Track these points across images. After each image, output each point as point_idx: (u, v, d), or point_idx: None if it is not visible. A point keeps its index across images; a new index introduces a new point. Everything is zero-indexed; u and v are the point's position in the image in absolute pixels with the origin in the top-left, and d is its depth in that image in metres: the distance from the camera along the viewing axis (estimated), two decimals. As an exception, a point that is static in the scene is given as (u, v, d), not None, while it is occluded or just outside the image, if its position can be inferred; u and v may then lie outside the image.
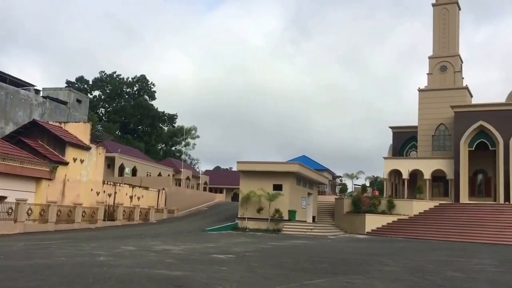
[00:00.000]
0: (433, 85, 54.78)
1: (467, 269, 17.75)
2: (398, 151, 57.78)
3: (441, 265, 18.66)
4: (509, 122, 46.84)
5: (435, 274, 15.74)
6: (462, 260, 21.31)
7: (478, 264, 19.86)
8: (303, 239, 32.99)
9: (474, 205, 46.02)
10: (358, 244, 31.42)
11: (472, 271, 16.98)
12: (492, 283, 14.20)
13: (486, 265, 19.55)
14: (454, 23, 55.66)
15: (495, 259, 22.25)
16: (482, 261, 21.08)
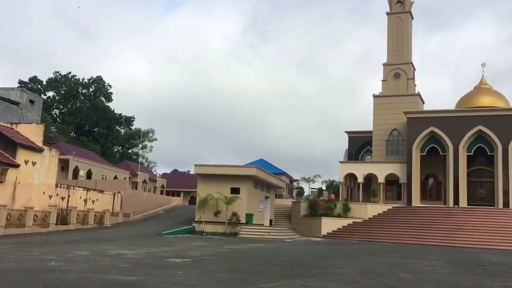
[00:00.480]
0: (387, 91, 56.08)
1: (418, 270, 18.14)
2: (353, 155, 58.84)
3: (393, 267, 19.04)
4: (458, 128, 48.42)
5: (387, 275, 16.06)
6: (414, 262, 21.79)
7: (428, 265, 20.33)
8: (260, 243, 33.11)
9: (425, 208, 47.31)
10: (314, 247, 31.77)
11: (423, 273, 17.39)
12: (442, 284, 14.56)
13: (436, 266, 20.05)
14: (407, 32, 57.19)
15: (444, 261, 22.83)
16: (432, 263, 21.61)
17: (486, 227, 40.07)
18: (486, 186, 49.76)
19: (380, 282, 14.34)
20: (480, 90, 56.84)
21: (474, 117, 48.84)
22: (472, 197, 49.57)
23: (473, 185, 50.11)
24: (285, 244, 33.82)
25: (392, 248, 31.54)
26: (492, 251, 33.03)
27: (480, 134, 48.29)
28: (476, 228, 40.17)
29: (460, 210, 45.24)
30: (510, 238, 37.54)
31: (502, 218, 42.04)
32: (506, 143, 46.72)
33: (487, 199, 48.99)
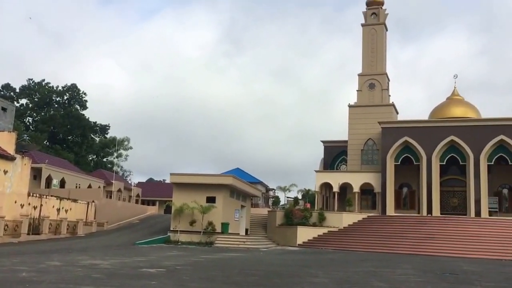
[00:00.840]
0: (362, 101, 56.71)
1: (392, 279, 18.31)
2: (329, 164, 59.22)
3: (368, 276, 19.19)
4: (431, 138, 49.23)
5: (362, 285, 16.21)
6: (388, 271, 21.96)
7: (402, 274, 20.53)
8: (236, 252, 33.03)
9: (399, 217, 47.83)
10: (290, 256, 31.81)
11: (397, 282, 17.55)
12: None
13: (409, 275, 20.25)
14: (381, 43, 58.04)
15: (417, 270, 23.06)
16: (406, 272, 21.82)
17: (459, 236, 40.67)
18: (458, 195, 50.58)
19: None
20: (453, 101, 57.91)
21: (446, 128, 49.68)
22: (445, 206, 50.33)
23: (446, 194, 50.91)
24: (261, 253, 33.81)
25: (367, 257, 31.76)
26: (464, 259, 33.47)
27: (453, 144, 49.14)
28: (448, 236, 40.73)
29: (433, 219, 45.84)
30: (481, 247, 38.11)
31: (474, 227, 42.72)
32: (478, 153, 47.60)
33: (459, 208, 49.78)
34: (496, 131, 47.72)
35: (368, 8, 59.63)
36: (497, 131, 47.68)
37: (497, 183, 50.12)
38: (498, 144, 47.70)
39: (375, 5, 59.42)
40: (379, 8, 59.13)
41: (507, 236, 40.14)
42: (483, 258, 35.26)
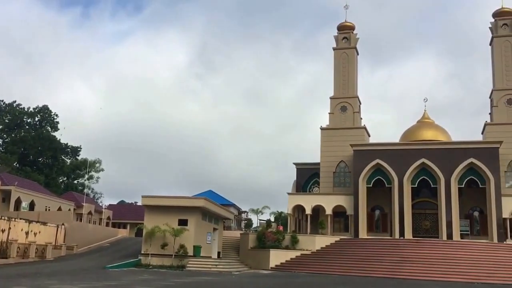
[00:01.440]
0: (334, 124, 57.18)
1: None
2: (301, 187, 59.26)
3: None
4: (403, 161, 49.76)
5: None
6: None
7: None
8: (208, 276, 32.63)
9: (372, 240, 47.95)
10: (262, 280, 31.55)
11: None
12: None
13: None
14: (353, 67, 58.88)
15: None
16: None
17: (431, 259, 40.76)
18: (430, 218, 51.04)
19: None
20: (423, 124, 58.84)
21: (417, 150, 50.33)
22: (417, 229, 50.69)
23: (418, 217, 51.32)
24: (233, 277, 33.46)
25: (340, 281, 31.69)
26: (437, 282, 33.78)
27: (424, 167, 49.72)
28: (421, 259, 40.81)
29: (406, 242, 46.03)
30: (454, 270, 38.25)
31: (446, 249, 42.98)
32: (449, 176, 48.27)
33: (431, 231, 50.18)
34: (466, 154, 48.50)
35: (339, 33, 60.53)
36: (467, 154, 48.46)
37: (468, 205, 50.74)
38: (469, 167, 48.45)
39: (346, 29, 60.37)
40: (350, 33, 60.08)
41: (479, 259, 40.42)
42: (457, 281, 35.51)
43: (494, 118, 52.93)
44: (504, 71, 53.20)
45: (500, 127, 51.38)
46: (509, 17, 54.99)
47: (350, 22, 60.94)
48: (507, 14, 55.26)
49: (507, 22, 54.82)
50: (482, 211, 49.74)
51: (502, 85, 53.06)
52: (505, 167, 49.74)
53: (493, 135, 50.89)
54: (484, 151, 48.33)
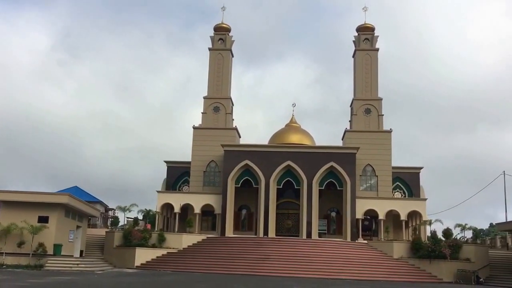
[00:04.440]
0: (206, 123, 57.79)
1: None
2: (171, 185, 59.08)
3: None
4: (270, 162, 51.71)
5: None
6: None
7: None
8: (68, 275, 31.44)
9: (238, 238, 49.24)
10: (125, 279, 31.09)
11: None
12: None
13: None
14: (227, 68, 59.92)
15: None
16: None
17: (291, 257, 42.86)
18: (292, 217, 53.59)
19: None
20: (290, 128, 61.63)
21: (284, 153, 52.57)
22: (280, 228, 52.98)
23: (281, 217, 53.66)
24: (95, 276, 32.59)
25: (204, 279, 32.20)
26: (296, 279, 35.57)
27: (289, 169, 52.08)
28: (282, 257, 42.75)
29: (269, 241, 47.91)
30: (311, 267, 40.63)
31: (304, 247, 45.42)
32: (311, 178, 51.03)
33: (293, 230, 52.71)
34: (327, 158, 51.62)
35: (215, 33, 61.24)
36: (328, 158, 51.61)
37: (327, 206, 54.04)
38: (329, 170, 51.62)
39: (222, 31, 61.27)
40: (226, 34, 61.06)
41: (334, 257, 43.41)
42: (312, 277, 37.77)
43: (353, 126, 56.88)
44: (364, 82, 57.40)
45: (358, 134, 55.39)
46: (370, 33, 59.37)
47: (226, 24, 61.90)
48: (369, 30, 59.65)
49: (368, 37, 59.13)
50: (339, 212, 53.27)
51: (361, 95, 57.21)
52: (361, 171, 53.81)
53: (351, 141, 54.76)
54: (343, 156, 51.82)
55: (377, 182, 54.00)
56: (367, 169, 54.32)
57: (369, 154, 53.70)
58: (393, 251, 44.79)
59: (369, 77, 57.45)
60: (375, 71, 57.75)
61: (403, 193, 56.58)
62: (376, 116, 56.15)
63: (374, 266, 42.29)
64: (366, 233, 52.85)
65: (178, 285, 25.79)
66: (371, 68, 57.73)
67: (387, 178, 54.16)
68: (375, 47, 58.67)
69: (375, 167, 54.18)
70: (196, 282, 28.71)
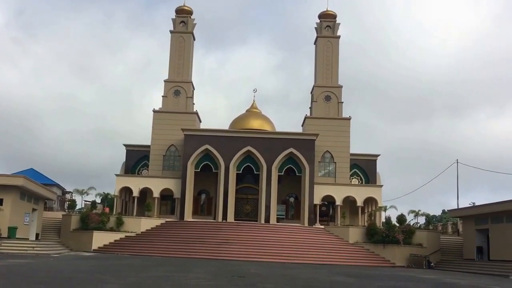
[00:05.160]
0: (167, 107, 57.45)
1: (183, 283, 18.94)
2: (130, 168, 58.60)
3: (160, 281, 19.56)
4: (230, 147, 51.97)
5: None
6: (180, 275, 22.67)
7: (193, 278, 21.36)
8: (23, 258, 30.95)
9: (196, 222, 49.46)
10: (83, 262, 30.84)
11: (188, 286, 18.22)
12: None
13: (201, 279, 21.20)
14: (188, 51, 59.54)
15: (209, 273, 24.25)
16: (198, 276, 22.76)
17: (250, 241, 43.45)
18: (251, 202, 54.08)
19: None
20: (251, 113, 61.90)
21: (244, 138, 52.89)
22: (239, 213, 53.43)
23: (241, 202, 54.09)
24: (51, 259, 32.21)
25: (163, 262, 32.25)
26: (254, 263, 35.99)
27: (249, 154, 52.48)
28: (241, 242, 43.26)
29: (228, 225, 48.33)
30: (269, 251, 41.36)
31: (263, 232, 46.10)
32: (270, 163, 51.54)
33: (251, 215, 53.24)
34: (287, 144, 52.24)
35: (177, 16, 60.59)
36: (288, 144, 52.24)
37: (285, 192, 54.77)
38: (288, 156, 52.26)
39: (184, 13, 60.64)
40: (188, 17, 60.48)
41: (291, 241, 44.18)
42: (271, 261, 38.41)
43: (313, 112, 57.60)
44: (325, 70, 58.08)
45: (317, 121, 56.15)
46: (332, 20, 59.91)
47: (188, 6, 61.29)
48: (330, 17, 60.18)
49: (330, 24, 59.68)
50: (297, 197, 54.09)
51: (322, 83, 57.90)
52: (319, 158, 54.65)
53: (311, 128, 55.48)
54: (303, 142, 52.55)
55: (335, 168, 55.04)
56: (325, 156, 55.23)
57: (328, 141, 54.57)
58: (349, 236, 45.92)
59: (330, 65, 58.13)
60: (336, 58, 58.47)
61: (360, 179, 57.91)
62: (336, 103, 57.00)
63: (330, 250, 43.34)
64: (324, 218, 53.92)
65: (135, 269, 25.78)
66: (332, 55, 58.40)
67: (345, 165, 55.22)
68: (337, 35, 59.31)
69: (333, 153, 55.14)
70: (154, 265, 28.73)
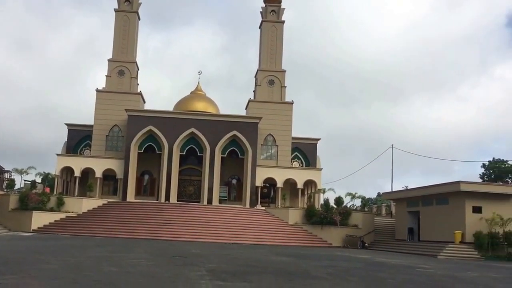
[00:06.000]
0: (111, 87, 56.84)
1: (123, 263, 19.29)
2: (72, 148, 57.79)
3: (100, 261, 19.83)
4: (174, 129, 52.21)
5: (93, 270, 16.79)
6: (121, 256, 22.97)
7: (134, 258, 21.72)
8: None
9: (139, 203, 49.60)
10: (21, 242, 30.65)
11: (128, 265, 18.59)
12: (143, 275, 15.98)
13: (142, 259, 21.57)
14: (133, 31, 58.92)
15: (150, 254, 24.61)
16: (139, 256, 23.15)
17: (192, 222, 44.06)
18: (194, 184, 54.64)
19: (85, 277, 15.05)
20: (196, 95, 62.16)
21: (188, 120, 53.20)
22: (182, 194, 53.90)
23: (184, 183, 54.53)
24: (-11, 240, 31.83)
25: (103, 243, 32.37)
26: (196, 243, 36.57)
27: (193, 136, 52.91)
28: (183, 222, 43.84)
29: (170, 206, 48.76)
30: (211, 232, 42.12)
31: (205, 213, 46.77)
32: (214, 145, 52.19)
33: (194, 196, 53.84)
34: (230, 127, 52.97)
35: (122, -6, 59.72)
36: (232, 126, 52.98)
37: (228, 174, 55.64)
38: (232, 138, 53.05)
39: (129, -8, 59.79)
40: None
41: (233, 222, 45.16)
42: (212, 242, 39.10)
43: (257, 96, 58.48)
44: (269, 54, 58.88)
45: (261, 105, 57.05)
46: (277, 5, 60.49)
47: (133, -15, 60.38)
48: (276, 1, 60.66)
49: (275, 9, 60.27)
50: (240, 179, 55.10)
51: (266, 67, 58.72)
52: (262, 141, 55.73)
53: (254, 111, 56.38)
54: (246, 125, 53.44)
55: (277, 151, 56.29)
56: (268, 139, 56.35)
57: (271, 124, 55.64)
58: (289, 218, 47.35)
59: (274, 49, 58.97)
60: (280, 43, 59.35)
61: (301, 162, 59.49)
62: (279, 88, 58.05)
63: (271, 231, 44.60)
64: (265, 200, 55.22)
65: (76, 249, 25.87)
66: (276, 40, 59.22)
67: (286, 148, 56.54)
68: (281, 20, 60.06)
69: (276, 137, 56.31)
70: (95, 246, 28.89)
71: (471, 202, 38.25)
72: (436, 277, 20.74)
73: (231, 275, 17.05)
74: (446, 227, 38.99)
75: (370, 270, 22.13)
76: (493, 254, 35.71)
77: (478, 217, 37.73)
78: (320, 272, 19.69)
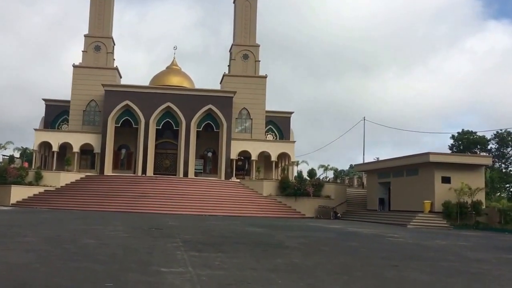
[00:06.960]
0: (87, 62, 57.09)
1: (101, 236, 19.85)
2: (50, 123, 58.22)
3: (78, 234, 20.32)
4: (150, 103, 52.95)
5: (71, 242, 17.27)
6: (99, 228, 23.53)
7: (112, 231, 22.27)
8: None
9: (116, 177, 50.61)
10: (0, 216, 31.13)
11: (106, 238, 19.15)
12: (121, 247, 16.32)
13: (119, 231, 22.11)
14: (109, 6, 58.87)
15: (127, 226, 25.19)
16: (116, 228, 23.68)
17: (168, 195, 45.20)
18: (170, 157, 55.62)
19: (63, 249, 15.49)
20: (171, 70, 62.69)
21: (164, 95, 53.94)
22: (159, 167, 54.88)
23: (160, 156, 55.51)
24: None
25: (81, 216, 32.83)
26: (172, 216, 37.26)
27: (169, 110, 53.72)
28: (159, 195, 44.89)
29: (147, 179, 49.83)
30: (187, 204, 43.24)
31: (181, 186, 48.00)
32: (189, 119, 53.12)
33: (170, 169, 54.87)
34: (206, 101, 53.85)
35: (97, -32, 59.35)
36: (207, 100, 53.87)
37: (204, 147, 56.71)
38: (207, 112, 53.99)
39: (104, -34, 59.44)
40: (108, -31, 59.38)
41: (208, 194, 46.34)
42: (188, 214, 40.21)
43: (231, 70, 59.24)
44: (243, 28, 59.43)
45: (236, 79, 57.86)
46: (251, -21, 60.84)
47: (108, -42, 60.00)
48: (250, -24, 61.05)
49: (249, -16, 60.65)
50: (215, 152, 56.20)
51: (240, 41, 59.34)
52: (237, 115, 56.74)
53: (229, 85, 57.22)
54: (221, 99, 54.37)
55: (251, 125, 57.34)
56: (242, 112, 57.36)
57: (245, 98, 56.53)
58: (263, 189, 48.73)
59: (248, 24, 59.52)
60: (254, 18, 59.85)
61: (275, 135, 60.74)
62: (253, 62, 58.85)
63: (245, 203, 45.91)
64: (240, 172, 56.45)
65: (54, 222, 26.13)
66: (250, 15, 59.70)
67: (260, 121, 57.63)
68: (255, -6, 60.44)
69: (250, 110, 57.32)
70: (73, 219, 29.20)
71: (440, 173, 39.31)
72: (406, 246, 21.28)
73: (207, 245, 17.38)
74: (416, 197, 40.03)
75: (342, 239, 22.92)
76: (462, 223, 36.67)
77: (447, 187, 38.64)
78: (294, 242, 20.17)
